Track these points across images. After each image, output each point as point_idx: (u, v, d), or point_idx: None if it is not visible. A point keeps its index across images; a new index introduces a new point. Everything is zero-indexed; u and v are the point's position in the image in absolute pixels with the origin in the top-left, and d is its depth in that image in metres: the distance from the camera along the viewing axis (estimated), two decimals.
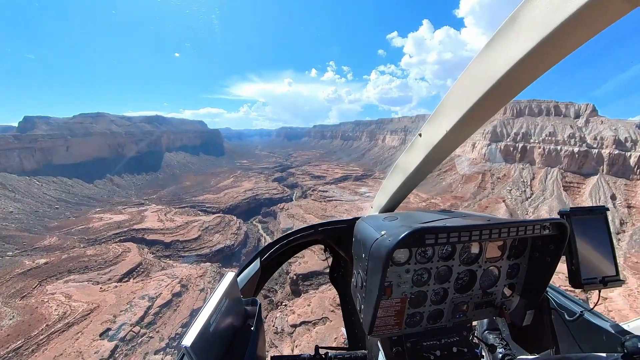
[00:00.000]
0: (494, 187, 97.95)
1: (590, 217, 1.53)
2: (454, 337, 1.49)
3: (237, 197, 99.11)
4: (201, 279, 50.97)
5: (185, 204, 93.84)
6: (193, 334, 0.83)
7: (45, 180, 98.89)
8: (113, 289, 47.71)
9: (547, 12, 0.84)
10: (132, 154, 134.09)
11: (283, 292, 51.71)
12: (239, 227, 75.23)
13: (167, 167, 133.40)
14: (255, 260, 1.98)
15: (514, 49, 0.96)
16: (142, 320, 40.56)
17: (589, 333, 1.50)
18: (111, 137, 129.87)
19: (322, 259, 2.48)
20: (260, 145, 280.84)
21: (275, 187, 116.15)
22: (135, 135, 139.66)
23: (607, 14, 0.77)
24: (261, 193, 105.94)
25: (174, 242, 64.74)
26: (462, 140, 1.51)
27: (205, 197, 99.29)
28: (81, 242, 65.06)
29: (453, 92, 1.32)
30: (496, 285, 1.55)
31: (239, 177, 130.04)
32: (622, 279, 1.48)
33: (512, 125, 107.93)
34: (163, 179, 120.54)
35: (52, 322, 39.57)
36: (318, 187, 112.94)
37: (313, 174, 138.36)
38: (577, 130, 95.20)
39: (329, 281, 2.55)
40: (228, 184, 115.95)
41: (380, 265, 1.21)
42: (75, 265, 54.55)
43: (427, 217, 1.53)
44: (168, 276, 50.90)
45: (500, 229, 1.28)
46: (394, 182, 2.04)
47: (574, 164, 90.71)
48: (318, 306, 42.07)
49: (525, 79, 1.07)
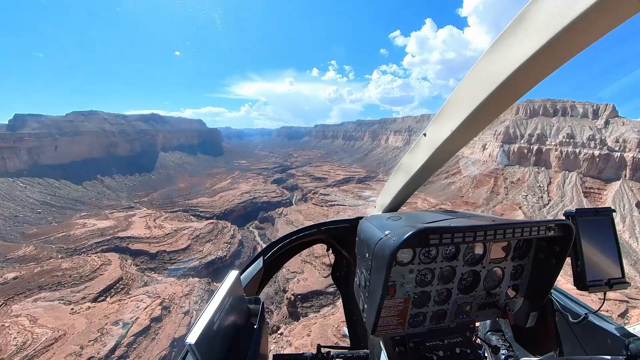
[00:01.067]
0: (507, 192, 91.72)
1: (596, 218, 1.51)
2: (457, 337, 1.50)
3: (233, 200, 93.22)
4: (186, 298, 45.10)
5: (178, 208, 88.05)
6: (197, 331, 0.85)
7: (30, 181, 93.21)
8: (85, 310, 41.86)
9: (555, 12, 0.83)
10: (125, 153, 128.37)
11: (279, 314, 45.84)
12: (232, 235, 69.34)
13: (162, 167, 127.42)
14: (259, 259, 1.97)
15: (521, 49, 0.95)
16: (112, 354, 34.68)
17: (593, 335, 1.48)
18: (103, 136, 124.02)
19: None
20: (260, 145, 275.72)
21: (274, 189, 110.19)
22: (129, 134, 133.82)
23: (617, 13, 0.75)
24: (259, 196, 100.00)
25: (160, 252, 58.90)
26: (467, 141, 1.50)
27: (199, 200, 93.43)
28: (59, 252, 59.30)
29: (458, 92, 1.31)
30: (500, 286, 1.55)
31: (237, 178, 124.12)
32: (627, 281, 1.47)
33: (525, 125, 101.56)
34: (156, 180, 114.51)
35: (7, 356, 33.79)
36: (319, 190, 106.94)
37: (314, 176, 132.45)
38: (597, 132, 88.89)
39: (332, 285, 2.39)
40: (224, 186, 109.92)
41: (384, 265, 1.22)
42: (47, 281, 48.77)
43: (431, 217, 1.53)
44: (149, 295, 45.03)
45: (505, 230, 1.28)
46: (397, 181, 2.01)
47: (593, 168, 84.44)
48: (320, 336, 36.12)
49: (532, 80, 1.06)
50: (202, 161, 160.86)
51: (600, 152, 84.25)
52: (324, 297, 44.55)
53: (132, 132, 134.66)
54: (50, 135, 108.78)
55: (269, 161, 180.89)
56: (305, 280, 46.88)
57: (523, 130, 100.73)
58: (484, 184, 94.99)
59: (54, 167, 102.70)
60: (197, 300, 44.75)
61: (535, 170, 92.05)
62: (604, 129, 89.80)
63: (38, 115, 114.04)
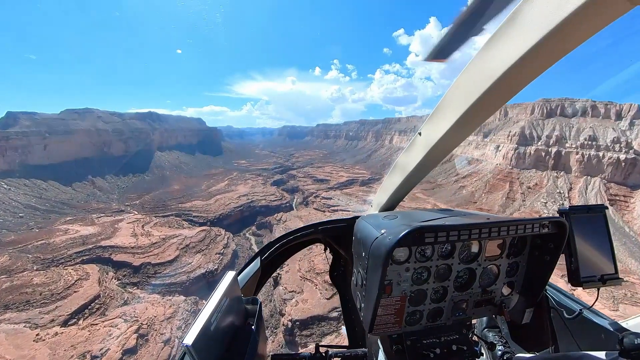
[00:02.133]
0: (525, 198, 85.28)
1: (590, 215, 1.53)
2: (454, 335, 1.52)
3: (230, 204, 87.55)
4: (168, 322, 39.48)
5: (170, 212, 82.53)
6: (194, 332, 0.84)
7: (16, 183, 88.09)
8: (51, 337, 36.38)
9: (547, 11, 0.84)
10: (119, 153, 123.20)
11: (274, 341, 40.09)
12: (226, 244, 63.69)
13: (157, 168, 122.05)
14: (256, 259, 1.98)
15: (514, 48, 0.96)
16: None
17: (588, 331, 1.51)
18: (96, 134, 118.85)
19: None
20: (261, 145, 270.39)
21: (273, 191, 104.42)
22: (124, 132, 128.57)
23: (607, 12, 0.77)
24: (257, 199, 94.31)
25: (145, 265, 53.36)
26: (461, 139, 1.52)
27: (193, 203, 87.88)
28: (35, 263, 53.91)
29: (452, 91, 1.32)
30: (495, 283, 1.56)
31: (235, 179, 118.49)
32: (620, 277, 1.47)
33: (542, 126, 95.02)
34: (150, 182, 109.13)
35: None
36: (321, 192, 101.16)
37: (316, 177, 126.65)
38: (621, 134, 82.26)
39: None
40: (221, 188, 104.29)
41: (380, 263, 1.22)
42: (15, 299, 43.41)
43: (426, 215, 1.55)
44: (126, 318, 39.48)
45: (500, 228, 1.29)
46: (393, 180, 2.02)
47: (619, 173, 77.85)
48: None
49: (525, 78, 1.07)
50: (200, 161, 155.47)
51: (626, 155, 77.66)
52: (327, 323, 38.75)
53: (126, 130, 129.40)
54: (39, 134, 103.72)
55: (269, 161, 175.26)
56: (305, 302, 41.11)
57: (540, 131, 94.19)
58: (498, 188, 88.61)
59: (43, 168, 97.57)
60: (181, 325, 39.10)
61: (554, 175, 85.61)
62: (628, 131, 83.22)
63: (32, 113, 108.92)
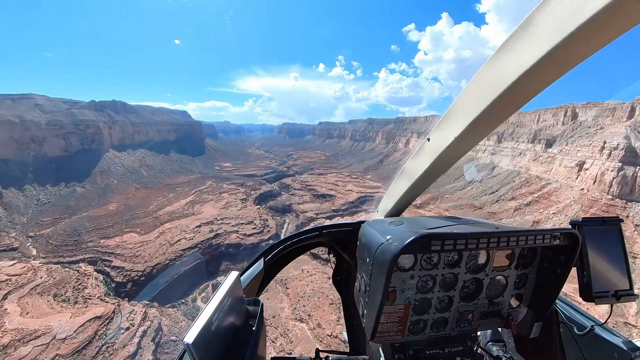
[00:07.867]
0: (636, 239, 54.26)
1: (604, 228, 1.46)
2: (458, 346, 1.47)
3: (179, 241, 56.79)
4: None
5: (81, 255, 52.04)
6: (195, 331, 0.84)
7: None
8: None
9: (562, 17, 0.81)
10: (56, 153, 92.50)
11: None
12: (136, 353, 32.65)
13: (103, 173, 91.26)
14: (259, 260, 1.95)
15: (528, 53, 0.93)
16: None
17: (599, 349, 1.45)
18: (21, 128, 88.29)
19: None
20: (258, 142, 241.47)
21: (253, 215, 73.37)
22: (64, 126, 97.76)
23: (624, 20, 0.74)
24: (226, 230, 63.49)
25: None
26: (471, 147, 1.50)
27: (123, 238, 57.22)
28: None
29: (464, 97, 1.29)
30: (503, 295, 1.51)
31: (205, 192, 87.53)
32: (636, 294, 1.41)
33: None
34: (83, 195, 78.60)
35: None
36: (323, 220, 70.06)
37: (316, 191, 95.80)
38: None
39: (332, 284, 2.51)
40: (177, 208, 73.07)
41: (385, 270, 1.20)
42: None
43: (433, 222, 1.52)
44: None
45: (509, 238, 1.25)
46: (400, 186, 2.02)
47: None
48: None
49: (538, 86, 1.05)
50: (173, 163, 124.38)
51: None
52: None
53: (68, 123, 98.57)
54: None
55: (260, 164, 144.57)
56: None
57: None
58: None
59: None
60: None
61: None
62: None
63: None
